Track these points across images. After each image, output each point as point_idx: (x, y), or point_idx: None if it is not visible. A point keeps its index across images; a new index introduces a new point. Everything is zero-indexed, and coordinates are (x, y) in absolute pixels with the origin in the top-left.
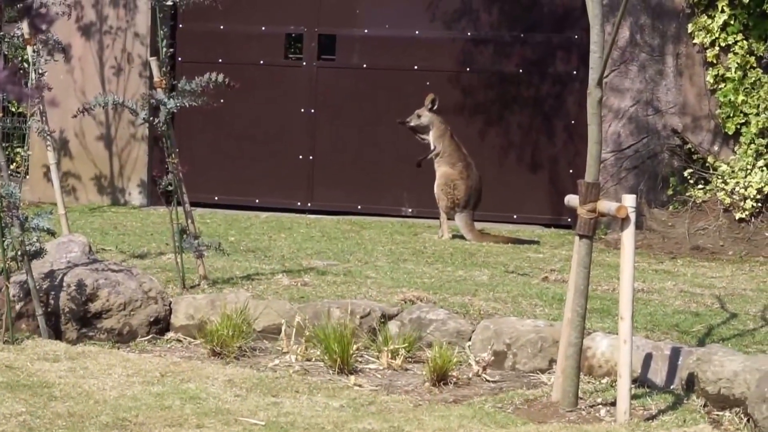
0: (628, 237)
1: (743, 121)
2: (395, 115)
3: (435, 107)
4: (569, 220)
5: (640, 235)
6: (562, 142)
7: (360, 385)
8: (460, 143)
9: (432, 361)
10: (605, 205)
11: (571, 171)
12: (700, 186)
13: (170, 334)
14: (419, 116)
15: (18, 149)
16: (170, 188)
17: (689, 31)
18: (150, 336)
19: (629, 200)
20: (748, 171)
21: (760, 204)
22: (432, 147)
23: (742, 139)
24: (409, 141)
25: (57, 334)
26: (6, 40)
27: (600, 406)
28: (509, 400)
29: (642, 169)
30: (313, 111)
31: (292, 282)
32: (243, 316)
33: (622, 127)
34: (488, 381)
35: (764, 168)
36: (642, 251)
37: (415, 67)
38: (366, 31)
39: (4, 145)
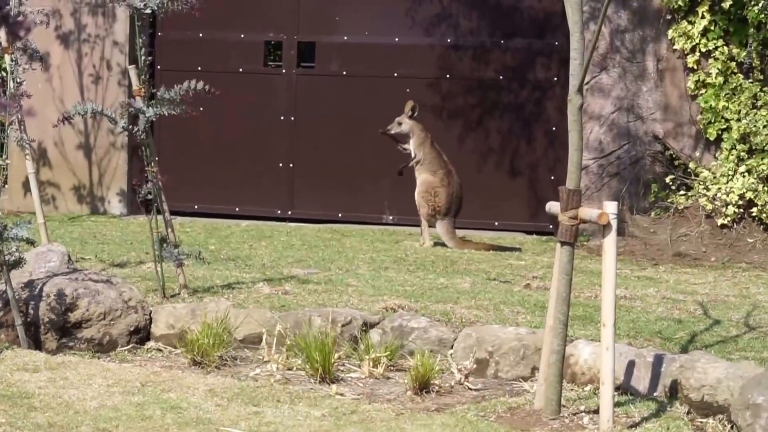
0: (610, 244)
1: (725, 126)
2: (375, 122)
3: (415, 114)
4: (551, 227)
5: (623, 242)
6: (542, 149)
7: (342, 394)
8: (440, 150)
9: (414, 370)
10: (587, 212)
11: (552, 177)
12: (682, 192)
13: (151, 344)
14: (399, 124)
15: None
16: (150, 197)
17: (670, 36)
18: (130, 345)
19: (611, 207)
20: (730, 177)
21: (741, 210)
22: (413, 155)
23: (723, 144)
24: (389, 148)
25: (37, 344)
26: None
27: (583, 413)
28: (492, 409)
29: (624, 176)
30: (293, 118)
31: (273, 291)
32: (224, 325)
33: (604, 133)
34: (471, 389)
35: (746, 174)
36: (624, 258)
37: (395, 74)
38: (345, 38)
39: None
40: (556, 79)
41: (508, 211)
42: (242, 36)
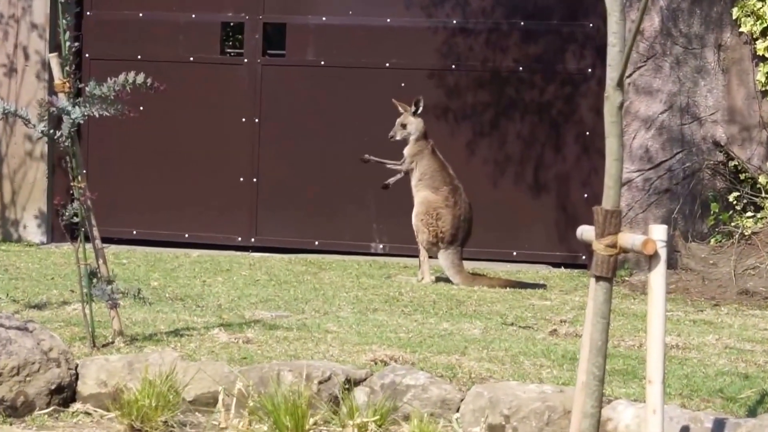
0: (657, 279)
1: None
2: (362, 125)
3: (419, 110)
4: (584, 257)
5: (674, 277)
6: (573, 158)
7: None
8: (444, 161)
9: None
10: (629, 239)
11: (585, 195)
12: (749, 213)
13: (77, 406)
14: (404, 126)
15: None
16: (76, 220)
17: (734, 16)
18: (51, 408)
19: (659, 232)
20: None
21: None
22: (405, 165)
23: None
24: (379, 158)
25: None
26: None
27: None
28: None
29: (676, 192)
30: (257, 120)
31: (232, 338)
32: (170, 382)
33: (651, 138)
34: None
35: None
36: (676, 297)
37: (387, 65)
38: (324, 19)
39: None
40: (590, 71)
41: (530, 237)
42: (193, 16)
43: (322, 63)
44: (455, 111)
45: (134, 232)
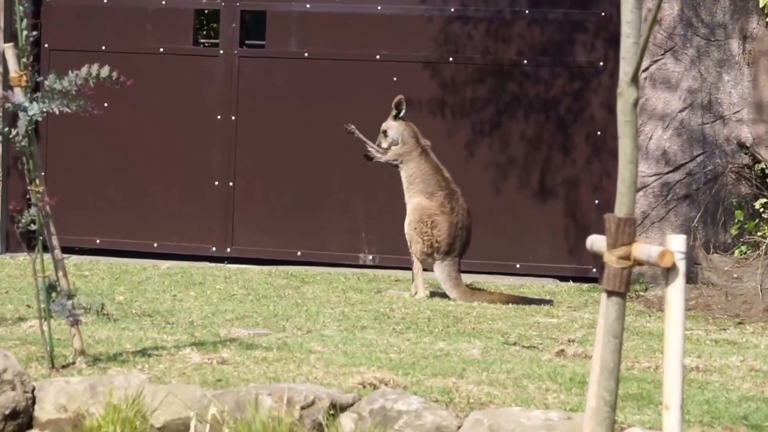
0: (676, 294)
1: None
2: (349, 122)
3: (401, 113)
4: (594, 270)
5: (695, 292)
6: (583, 161)
7: None
8: (439, 164)
9: None
10: (644, 250)
11: (596, 201)
12: None
13: None
14: (385, 133)
15: None
16: (33, 227)
17: (761, 4)
18: None
19: (677, 242)
20: None
21: None
22: (389, 157)
23: None
24: (366, 162)
25: None
26: None
27: None
28: None
29: (697, 199)
30: (233, 118)
31: (206, 359)
32: (136, 407)
33: (669, 139)
34: None
35: None
36: (697, 314)
37: (378, 57)
38: (308, 6)
39: None
40: (602, 64)
41: (535, 248)
42: (163, 3)
43: (306, 55)
44: (452, 108)
45: (97, 241)
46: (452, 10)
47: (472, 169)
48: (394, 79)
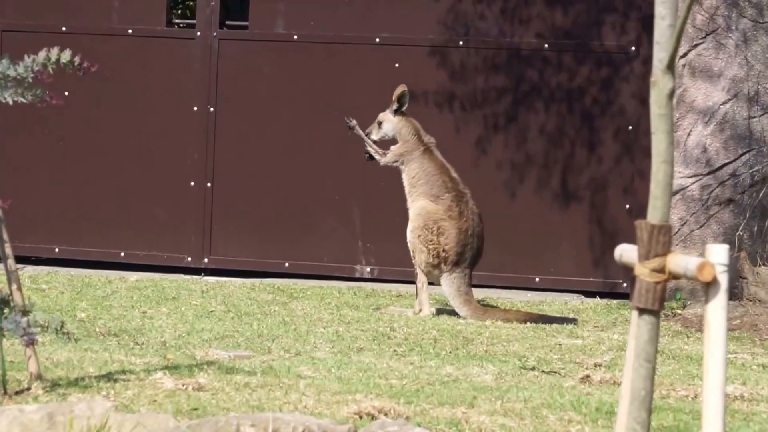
0: (717, 312)
1: None
2: (342, 115)
3: (404, 107)
4: (624, 285)
5: (739, 310)
6: (612, 160)
7: None
8: (447, 163)
9: None
10: (681, 262)
11: (627, 206)
12: None
13: None
14: (380, 125)
15: None
16: None
17: None
18: None
19: (719, 254)
20: None
21: None
22: (389, 158)
23: None
24: (363, 160)
25: None
26: None
27: None
28: None
29: (742, 204)
30: (211, 109)
31: (180, 384)
32: None
33: (711, 135)
34: None
35: None
36: (742, 335)
37: (377, 40)
38: None
39: None
40: (634, 49)
41: (557, 259)
42: None
43: (295, 37)
44: (462, 99)
45: (56, 250)
46: None
47: (485, 169)
48: (396, 65)
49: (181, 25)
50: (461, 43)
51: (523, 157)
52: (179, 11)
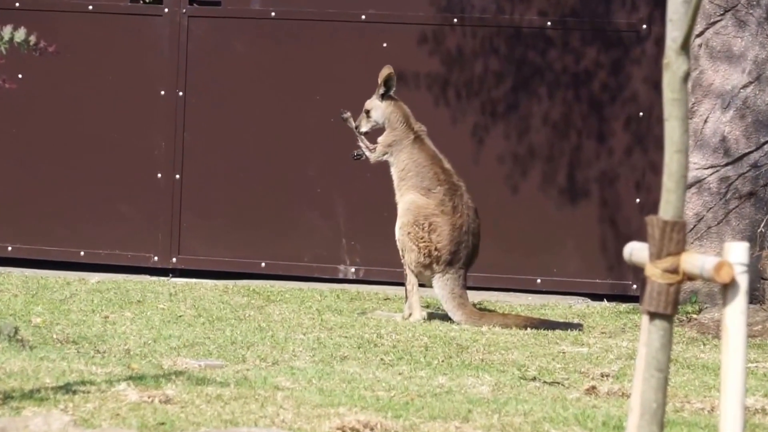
0: (735, 317)
1: None
2: (327, 101)
3: (391, 91)
4: (635, 287)
5: (761, 314)
6: (622, 150)
7: None
8: (439, 153)
9: None
10: (696, 261)
11: (638, 200)
12: None
13: None
14: (368, 114)
15: None
16: None
17: None
18: None
19: (738, 252)
20: None
21: None
22: (378, 153)
23: None
24: (348, 149)
25: None
26: None
27: None
28: None
29: (764, 198)
30: (180, 94)
31: (145, 396)
32: None
33: (730, 122)
34: None
35: None
36: (764, 341)
37: (363, 17)
38: None
39: None
40: (645, 27)
41: (561, 259)
42: None
43: (273, 15)
44: (457, 84)
45: (9, 248)
46: None
47: (483, 161)
48: (384, 45)
49: (147, 1)
50: (456, 21)
51: (524, 148)
52: None
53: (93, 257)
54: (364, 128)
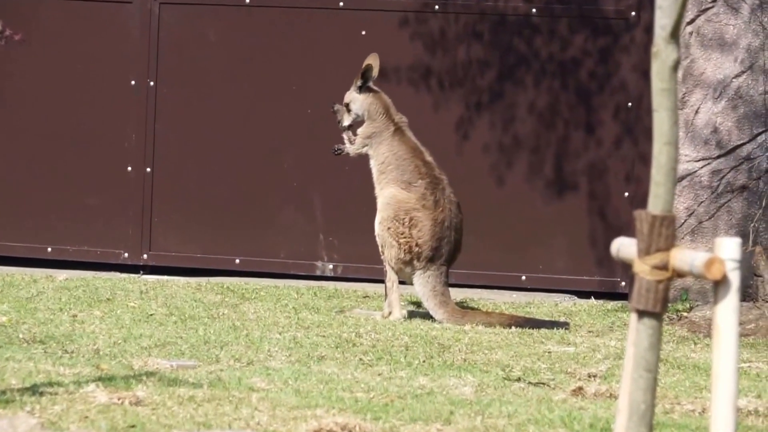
0: (727, 315)
1: None
2: (304, 91)
3: (370, 82)
4: (623, 284)
5: (754, 312)
6: (611, 142)
7: None
8: (420, 146)
9: None
10: (686, 257)
11: (627, 194)
12: None
13: None
14: (348, 107)
15: None
16: None
17: None
18: None
19: (729, 248)
20: None
21: None
22: (357, 146)
23: None
24: (328, 141)
25: None
26: None
27: None
28: None
29: (756, 191)
30: (152, 84)
31: (115, 398)
32: None
33: (722, 113)
34: None
35: None
36: (757, 341)
37: (341, 4)
38: None
39: None
40: (634, 14)
41: (547, 255)
42: None
43: (247, 2)
44: (440, 73)
45: None
46: None
47: (467, 153)
48: (363, 33)
49: None
50: (437, 7)
51: (509, 139)
52: None
53: (61, 253)
54: (346, 122)
